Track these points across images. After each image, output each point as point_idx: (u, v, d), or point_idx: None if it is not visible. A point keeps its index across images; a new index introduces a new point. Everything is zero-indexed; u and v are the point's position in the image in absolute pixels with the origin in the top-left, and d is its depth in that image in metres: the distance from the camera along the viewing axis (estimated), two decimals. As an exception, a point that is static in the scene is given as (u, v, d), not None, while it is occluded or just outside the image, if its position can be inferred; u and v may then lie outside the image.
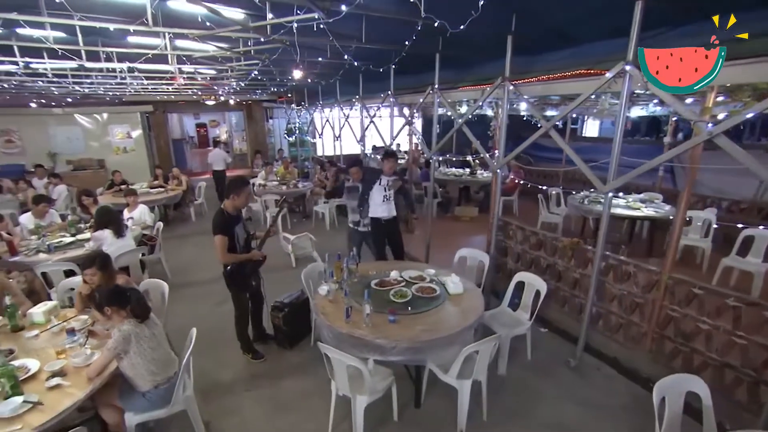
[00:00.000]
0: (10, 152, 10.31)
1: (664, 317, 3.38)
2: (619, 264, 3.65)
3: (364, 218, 4.54)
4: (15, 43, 4.50)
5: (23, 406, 1.95)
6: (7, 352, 2.37)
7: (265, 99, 14.55)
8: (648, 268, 3.44)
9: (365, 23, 3.93)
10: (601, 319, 3.86)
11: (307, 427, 2.81)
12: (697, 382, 2.20)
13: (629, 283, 3.60)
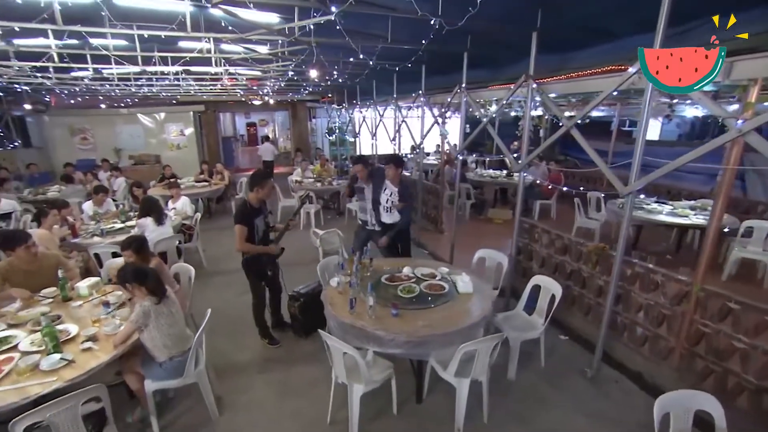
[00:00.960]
0: (84, 148, 11.67)
1: (695, 332, 3.14)
2: (646, 272, 3.44)
3: (372, 219, 4.49)
4: (88, 52, 5.15)
5: (60, 362, 2.27)
6: (55, 317, 2.76)
7: (308, 99, 15.12)
8: (677, 277, 3.21)
9: (391, 23, 4.03)
10: (626, 330, 3.66)
11: (309, 412, 2.96)
12: (709, 400, 2.06)
13: (656, 293, 3.38)
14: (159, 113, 12.46)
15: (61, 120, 11.50)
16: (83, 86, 7.45)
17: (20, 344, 2.47)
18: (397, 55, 5.22)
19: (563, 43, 4.36)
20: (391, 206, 4.28)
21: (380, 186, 4.32)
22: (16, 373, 2.21)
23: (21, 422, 1.89)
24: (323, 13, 2.85)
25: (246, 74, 7.47)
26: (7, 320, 2.77)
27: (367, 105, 10.13)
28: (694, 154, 2.52)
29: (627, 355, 3.59)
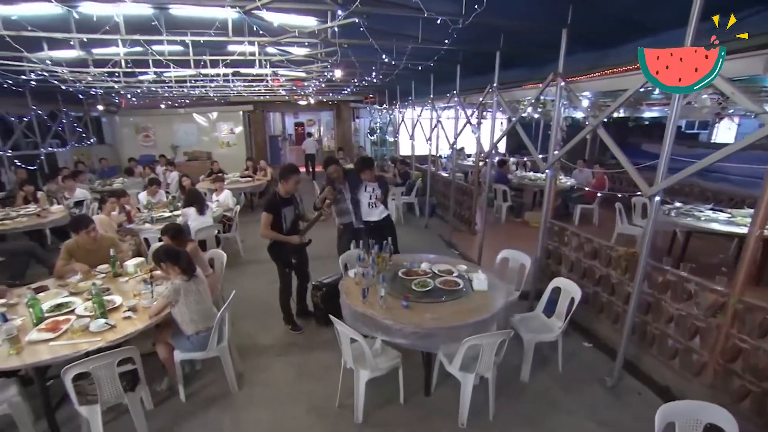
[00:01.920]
0: (146, 145, 12.92)
1: (731, 347, 2.94)
2: (679, 280, 3.26)
3: (357, 221, 4.59)
4: (149, 58, 5.77)
5: (104, 326, 2.64)
6: (105, 289, 3.18)
7: (352, 99, 15.55)
8: (713, 287, 3.02)
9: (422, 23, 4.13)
10: (655, 341, 3.48)
11: (321, 394, 3.14)
12: (721, 414, 1.96)
13: (689, 303, 3.20)
14: (212, 113, 13.46)
15: (128, 120, 12.82)
16: (145, 88, 8.30)
17: (77, 309, 2.90)
18: (430, 56, 5.31)
19: (600, 39, 4.22)
20: (375, 201, 4.48)
21: (357, 186, 4.50)
22: (71, 331, 2.60)
23: (71, 370, 2.25)
24: (347, 16, 3.02)
25: (288, 75, 7.90)
26: (69, 289, 3.25)
27: (406, 105, 10.27)
28: (721, 153, 2.39)
29: (655, 367, 3.42)
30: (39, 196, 6.40)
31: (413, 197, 8.69)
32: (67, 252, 3.64)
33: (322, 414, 2.96)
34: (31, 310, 2.74)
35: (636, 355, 3.60)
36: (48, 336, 2.55)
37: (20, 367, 2.41)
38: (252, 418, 2.92)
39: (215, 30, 4.11)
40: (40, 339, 2.52)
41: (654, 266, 3.48)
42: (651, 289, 3.49)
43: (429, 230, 7.71)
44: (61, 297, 3.10)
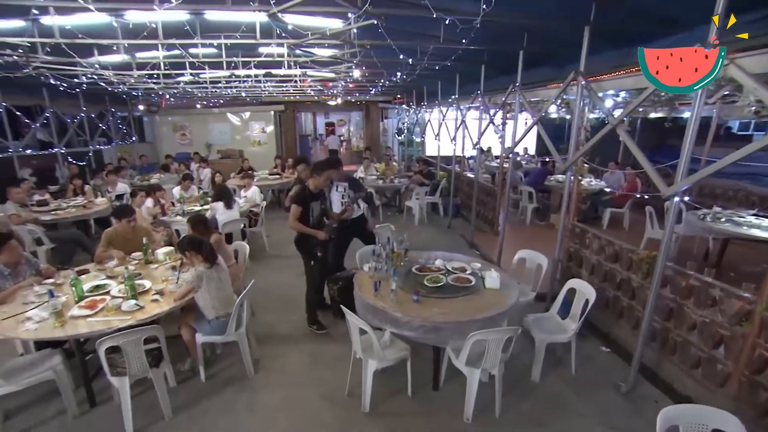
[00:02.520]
0: (183, 143, 13.66)
1: (757, 358, 2.82)
2: (702, 285, 3.15)
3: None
4: (187, 60, 6.16)
5: (134, 306, 2.90)
6: (137, 274, 3.46)
7: (381, 100, 15.73)
8: (739, 293, 2.91)
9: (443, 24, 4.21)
10: (677, 348, 3.37)
11: (332, 382, 3.27)
12: (730, 421, 1.92)
13: (714, 309, 3.09)
14: (244, 112, 14.04)
15: (166, 119, 13.60)
16: (182, 89, 8.82)
17: (111, 290, 3.18)
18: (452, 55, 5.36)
19: (627, 36, 4.13)
20: (348, 201, 4.43)
21: (328, 186, 4.39)
22: (106, 310, 2.88)
23: (104, 343, 2.51)
24: (358, 17, 3.14)
25: (316, 75, 8.16)
26: (106, 272, 3.56)
27: (432, 106, 10.30)
28: (744, 151, 2.32)
29: (676, 376, 3.32)
30: (86, 189, 6.96)
31: (437, 197, 8.72)
32: (107, 239, 3.99)
33: (331, 401, 3.09)
34: (74, 289, 3.05)
35: (656, 363, 3.50)
36: (86, 312, 2.83)
37: (62, 337, 2.70)
38: (265, 400, 3.10)
39: (244, 33, 4.34)
40: (80, 315, 2.81)
41: (677, 270, 3.39)
42: (673, 294, 3.39)
43: (452, 230, 7.72)
44: (99, 279, 3.41)
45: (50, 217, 5.91)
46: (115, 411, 2.82)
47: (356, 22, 3.32)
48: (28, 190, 6.53)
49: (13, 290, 3.13)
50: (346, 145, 21.06)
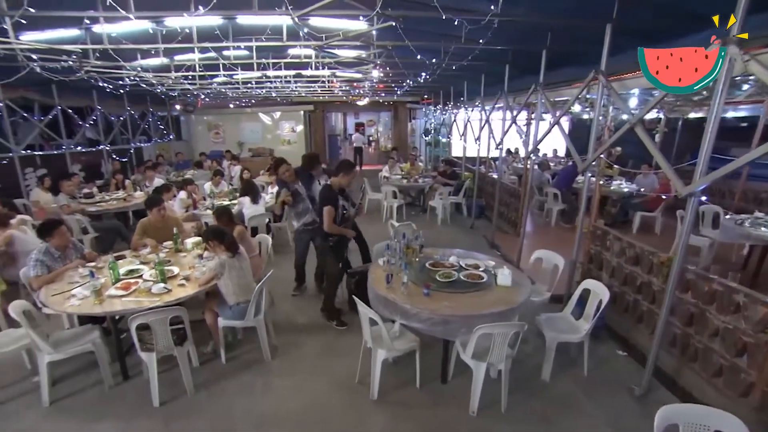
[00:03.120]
0: (216, 141, 14.35)
1: (782, 367, 2.72)
2: (726, 290, 3.06)
3: (314, 216, 4.39)
4: (220, 62, 6.54)
5: (163, 289, 3.17)
6: (167, 261, 3.75)
7: (409, 100, 15.84)
8: (764, 299, 2.82)
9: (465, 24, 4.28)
10: (699, 355, 3.28)
11: (343, 370, 3.41)
12: (733, 422, 1.90)
13: (737, 316, 2.99)
14: (275, 112, 14.56)
15: (201, 118, 14.33)
16: (215, 89, 9.31)
17: (144, 274, 3.48)
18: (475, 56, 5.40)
19: (654, 33, 4.04)
20: (347, 203, 4.31)
21: (310, 183, 4.48)
22: (138, 292, 3.16)
23: (135, 320, 2.79)
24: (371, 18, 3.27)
25: (343, 76, 8.39)
26: (140, 259, 3.88)
27: (458, 106, 10.30)
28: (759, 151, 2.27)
29: (696, 384, 3.23)
30: (126, 183, 7.50)
31: (461, 197, 8.73)
32: (141, 229, 4.33)
33: (341, 387, 3.24)
34: (111, 272, 3.36)
35: (676, 369, 3.42)
36: (121, 293, 3.13)
37: (100, 313, 3.00)
38: (280, 383, 3.29)
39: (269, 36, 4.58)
40: (116, 294, 3.11)
41: (699, 275, 3.30)
42: (695, 299, 3.31)
43: (474, 231, 7.72)
44: (134, 264, 3.73)
45: (95, 208, 6.43)
46: (144, 384, 3.10)
47: (375, 24, 3.45)
48: (78, 184, 7.12)
49: (61, 271, 3.50)
50: (375, 145, 21.36)
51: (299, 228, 4.55)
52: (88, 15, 3.48)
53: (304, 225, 4.50)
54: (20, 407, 3.02)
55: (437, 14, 2.76)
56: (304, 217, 4.48)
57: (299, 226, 4.54)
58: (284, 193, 4.25)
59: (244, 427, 2.83)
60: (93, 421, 2.87)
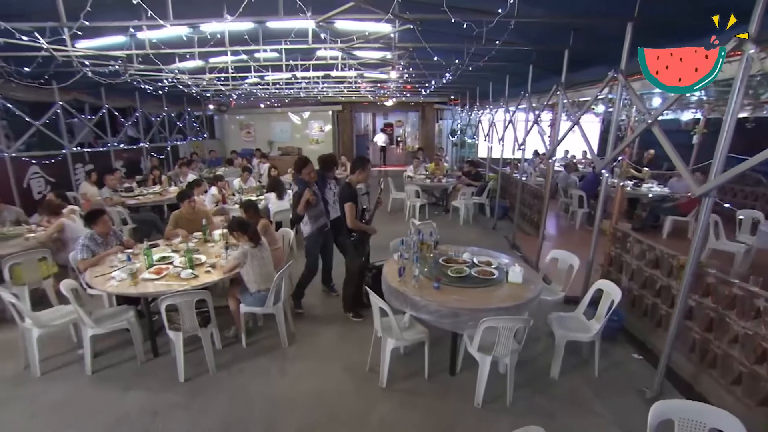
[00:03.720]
0: (247, 140, 14.96)
1: (801, 375, 2.66)
2: (747, 295, 3.00)
3: (327, 221, 4.41)
4: (252, 64, 6.90)
5: (190, 275, 3.45)
6: (195, 250, 4.05)
7: (437, 101, 15.90)
8: (784, 305, 2.75)
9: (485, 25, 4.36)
10: (717, 362, 3.22)
11: (356, 358, 3.57)
12: (730, 421, 1.91)
13: (758, 321, 2.93)
14: (304, 112, 15.01)
15: (234, 118, 14.99)
16: (246, 90, 9.77)
17: (174, 261, 3.79)
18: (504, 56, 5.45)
19: (681, 30, 3.98)
20: (336, 199, 4.40)
21: (323, 185, 4.42)
22: (168, 276, 3.46)
23: (165, 300, 3.08)
24: (403, 23, 3.43)
25: (369, 77, 8.61)
26: (172, 247, 4.21)
27: (484, 107, 10.29)
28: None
29: (713, 390, 3.17)
30: (162, 179, 8.02)
31: (485, 198, 8.73)
32: (174, 220, 4.69)
33: (353, 374, 3.41)
34: (146, 258, 3.70)
35: (694, 375, 3.37)
36: (154, 277, 3.44)
37: (135, 294, 3.32)
38: (295, 368, 3.50)
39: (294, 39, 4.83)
40: (149, 278, 3.42)
41: (720, 279, 3.25)
42: (715, 303, 3.25)
43: (496, 231, 7.72)
44: (166, 252, 4.06)
45: (134, 201, 6.94)
46: (171, 362, 3.39)
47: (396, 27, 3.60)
48: (119, 179, 7.69)
49: (103, 255, 3.87)
50: (402, 145, 21.54)
51: (313, 232, 4.35)
52: (133, 24, 3.83)
53: (318, 229, 4.36)
54: (68, 374, 3.40)
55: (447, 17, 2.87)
56: (320, 220, 4.37)
57: (314, 229, 4.34)
58: (308, 192, 4.14)
59: (259, 405, 3.05)
60: (127, 391, 3.18)
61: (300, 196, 4.12)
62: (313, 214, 4.31)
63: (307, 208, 4.21)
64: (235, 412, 2.98)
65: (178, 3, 3.64)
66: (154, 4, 3.53)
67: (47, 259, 4.19)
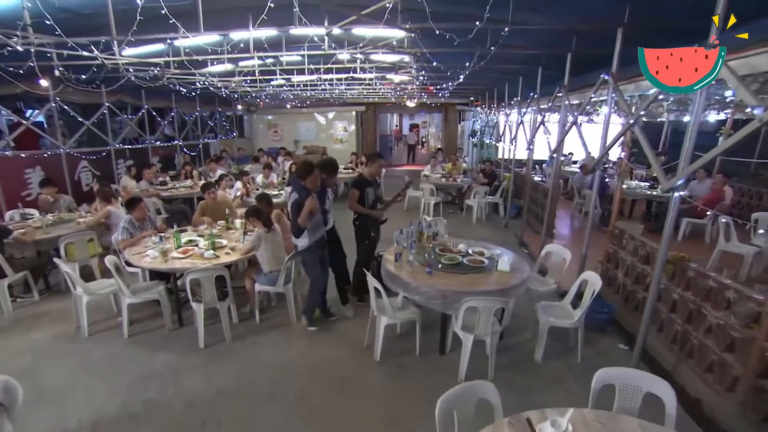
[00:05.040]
0: (274, 139, 15.74)
1: (765, 362, 2.83)
2: (720, 287, 3.18)
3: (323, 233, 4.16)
4: (277, 68, 7.47)
5: (212, 255, 3.96)
6: (218, 235, 4.59)
7: (458, 102, 16.12)
8: (750, 294, 2.93)
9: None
10: (694, 352, 3.40)
11: (356, 336, 3.96)
12: (662, 386, 2.17)
13: (728, 312, 3.11)
14: (329, 112, 15.62)
15: (262, 118, 15.80)
16: (271, 91, 10.42)
17: (199, 244, 4.32)
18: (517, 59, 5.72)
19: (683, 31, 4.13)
20: (330, 207, 4.32)
21: (324, 193, 4.17)
22: (193, 256, 3.99)
23: (190, 275, 3.59)
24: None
25: (389, 79, 9.02)
26: (197, 232, 4.77)
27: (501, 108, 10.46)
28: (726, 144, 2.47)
29: (690, 379, 3.35)
30: (194, 174, 8.74)
31: (498, 197, 8.94)
32: (201, 209, 5.27)
33: (351, 348, 3.81)
34: (175, 240, 4.25)
35: (674, 366, 3.55)
36: (181, 256, 3.97)
37: (166, 269, 3.87)
38: (301, 342, 3.94)
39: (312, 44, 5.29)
40: (177, 257, 3.96)
41: (699, 272, 3.43)
42: (695, 296, 3.44)
43: (507, 229, 7.93)
44: (192, 236, 4.61)
45: (167, 194, 7.64)
46: (193, 332, 3.90)
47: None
48: (155, 173, 8.46)
49: (140, 237, 4.46)
50: (426, 145, 21.90)
51: (311, 245, 3.96)
52: (170, 36, 4.40)
53: (316, 241, 4.00)
54: (109, 336, 4.01)
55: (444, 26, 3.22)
56: (318, 231, 4.02)
57: (312, 242, 3.96)
58: (311, 202, 3.71)
59: (267, 370, 3.51)
60: (156, 353, 3.72)
61: (300, 206, 3.71)
62: (312, 226, 3.95)
63: (309, 218, 3.86)
64: (245, 375, 3.45)
65: (208, 14, 4.15)
66: (189, 16, 4.08)
67: (94, 240, 4.85)
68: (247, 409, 3.07)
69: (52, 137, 7.66)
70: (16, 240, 4.52)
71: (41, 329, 4.13)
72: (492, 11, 3.59)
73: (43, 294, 4.86)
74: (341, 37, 5.68)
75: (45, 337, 3.97)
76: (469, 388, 2.10)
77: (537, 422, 1.88)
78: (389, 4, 3.25)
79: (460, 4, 4.25)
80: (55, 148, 7.55)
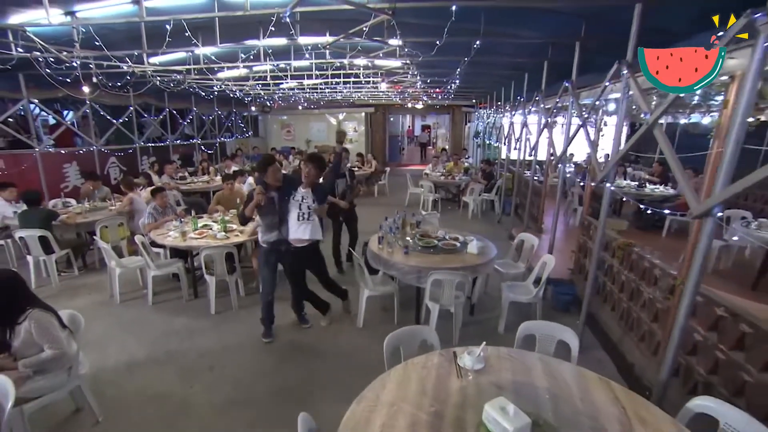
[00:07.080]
0: (287, 138, 16.58)
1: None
2: (651, 266, 3.70)
3: (285, 236, 3.83)
4: (289, 73, 8.20)
5: (224, 236, 4.68)
6: (230, 221, 5.32)
7: (465, 104, 16.65)
8: (669, 271, 3.45)
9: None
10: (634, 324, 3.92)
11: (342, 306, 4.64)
12: (569, 333, 2.72)
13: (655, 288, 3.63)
14: (340, 113, 16.36)
15: (276, 118, 16.67)
16: (282, 93, 11.21)
17: (212, 228, 5.05)
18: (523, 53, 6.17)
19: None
20: (308, 213, 3.82)
21: (288, 193, 3.79)
22: (208, 237, 4.72)
23: (203, 251, 4.32)
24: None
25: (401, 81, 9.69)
26: (212, 219, 5.51)
27: (503, 109, 10.96)
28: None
29: (630, 349, 3.87)
30: (210, 170, 9.57)
31: (494, 195, 9.48)
32: (216, 198, 6.04)
33: (339, 317, 4.47)
34: (192, 224, 5.00)
35: (620, 338, 4.08)
36: (197, 237, 4.71)
37: (184, 247, 4.60)
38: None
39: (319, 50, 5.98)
40: (194, 237, 4.69)
41: (639, 254, 3.96)
42: (636, 276, 3.97)
43: (500, 225, 8.46)
44: (207, 222, 5.36)
45: (186, 188, 8.47)
46: (207, 302, 4.61)
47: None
48: (175, 169, 9.31)
49: (162, 221, 5.23)
50: (434, 145, 22.49)
51: (266, 248, 3.88)
52: (189, 48, 5.15)
53: (270, 244, 3.86)
54: (136, 304, 4.80)
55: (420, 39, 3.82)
56: (270, 233, 3.83)
57: (263, 240, 3.89)
58: (258, 190, 3.54)
59: (267, 332, 4.20)
60: (175, 317, 4.46)
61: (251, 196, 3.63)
62: (265, 223, 3.83)
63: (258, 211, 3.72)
64: (248, 335, 4.14)
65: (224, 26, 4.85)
66: (207, 29, 4.81)
67: (123, 224, 5.65)
68: (246, 358, 3.76)
69: (86, 135, 8.60)
70: (62, 222, 5.38)
71: (82, 297, 4.94)
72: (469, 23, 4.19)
73: (81, 270, 5.69)
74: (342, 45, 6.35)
75: (86, 303, 4.76)
76: (414, 330, 2.72)
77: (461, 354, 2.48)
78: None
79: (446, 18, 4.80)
80: (88, 146, 8.48)
